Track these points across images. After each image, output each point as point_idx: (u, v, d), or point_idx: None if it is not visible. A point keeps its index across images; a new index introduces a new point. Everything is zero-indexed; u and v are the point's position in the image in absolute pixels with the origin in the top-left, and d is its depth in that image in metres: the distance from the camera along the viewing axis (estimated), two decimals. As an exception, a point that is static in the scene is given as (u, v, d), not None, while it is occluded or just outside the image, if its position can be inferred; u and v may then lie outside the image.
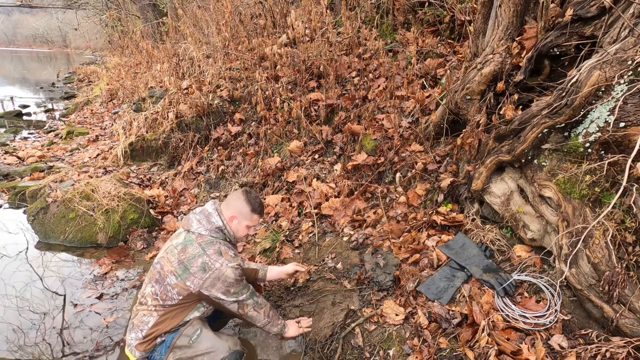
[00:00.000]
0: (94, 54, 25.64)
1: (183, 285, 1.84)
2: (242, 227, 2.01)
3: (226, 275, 1.83)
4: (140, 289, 2.02)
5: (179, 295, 1.86)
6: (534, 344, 1.81)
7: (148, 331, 1.89)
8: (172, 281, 1.85)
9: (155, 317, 1.89)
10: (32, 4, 22.08)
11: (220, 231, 1.95)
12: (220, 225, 1.95)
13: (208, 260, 1.83)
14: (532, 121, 2.21)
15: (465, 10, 4.10)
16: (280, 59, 5.00)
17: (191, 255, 1.84)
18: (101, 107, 8.79)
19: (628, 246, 1.79)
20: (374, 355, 2.07)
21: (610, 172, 1.86)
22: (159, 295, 1.89)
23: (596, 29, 2.37)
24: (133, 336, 1.92)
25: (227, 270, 1.83)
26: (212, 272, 1.82)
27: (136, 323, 1.92)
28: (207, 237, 1.90)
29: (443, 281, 2.28)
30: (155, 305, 1.90)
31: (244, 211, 1.99)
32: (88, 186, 3.89)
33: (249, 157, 4.37)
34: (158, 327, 1.89)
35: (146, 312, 1.91)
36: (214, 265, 1.82)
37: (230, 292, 1.87)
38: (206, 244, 1.87)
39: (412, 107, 3.72)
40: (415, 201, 3.03)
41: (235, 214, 1.99)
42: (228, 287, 1.85)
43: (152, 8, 11.10)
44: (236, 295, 1.89)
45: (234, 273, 1.84)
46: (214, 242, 1.89)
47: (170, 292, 1.87)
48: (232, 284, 1.86)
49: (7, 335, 2.55)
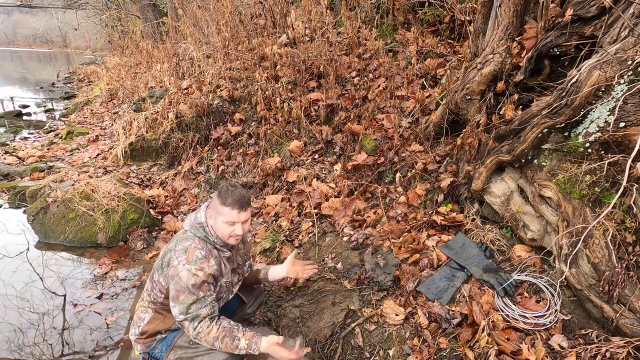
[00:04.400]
0: (94, 54, 25.63)
1: (161, 282, 1.81)
2: (219, 224, 1.76)
3: (179, 276, 1.67)
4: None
5: (160, 294, 1.83)
6: (534, 344, 1.81)
7: (144, 328, 1.90)
8: (156, 278, 1.85)
9: (150, 313, 1.90)
10: (32, 4, 22.07)
11: (200, 228, 1.78)
12: (202, 221, 1.79)
13: (173, 255, 1.73)
14: (532, 121, 2.21)
15: (465, 10, 4.09)
16: (280, 59, 5.00)
17: (166, 250, 1.81)
18: (101, 107, 8.79)
19: (628, 246, 1.79)
20: (374, 355, 2.07)
21: (610, 172, 1.86)
22: (150, 292, 1.89)
23: (596, 29, 2.37)
24: (132, 331, 1.95)
25: (182, 270, 1.67)
26: (170, 268, 1.72)
27: (135, 319, 1.94)
28: (188, 232, 1.79)
29: (443, 281, 2.28)
30: (148, 301, 1.90)
31: (216, 205, 1.75)
32: (88, 186, 3.89)
33: (249, 157, 4.37)
34: (152, 324, 1.89)
35: (143, 308, 1.92)
36: (173, 262, 1.70)
37: (178, 299, 1.67)
38: (180, 240, 1.77)
39: (412, 107, 3.72)
40: (415, 201, 3.03)
41: (211, 209, 1.79)
42: (177, 292, 1.68)
43: (152, 8, 11.10)
44: (181, 307, 1.67)
45: (189, 277, 1.66)
46: (188, 239, 1.76)
47: (155, 290, 1.86)
48: (184, 290, 1.66)
49: (7, 335, 2.55)
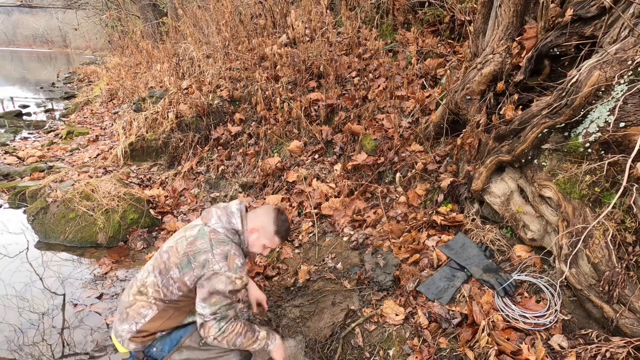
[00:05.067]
0: (94, 54, 25.63)
1: (183, 280, 1.71)
2: (259, 244, 1.85)
3: (219, 281, 1.67)
4: (139, 275, 1.86)
5: (179, 291, 1.73)
6: (534, 344, 1.81)
7: (144, 326, 1.75)
8: (175, 274, 1.72)
9: (154, 311, 1.75)
10: (32, 4, 22.06)
11: (236, 234, 1.80)
12: (239, 228, 1.79)
13: (212, 258, 1.69)
14: (532, 121, 2.21)
15: (465, 10, 4.10)
16: (280, 59, 5.00)
17: (197, 250, 1.71)
18: (101, 107, 8.79)
19: (628, 246, 1.79)
20: (374, 355, 2.07)
21: (610, 172, 1.86)
22: (161, 288, 1.74)
23: (596, 29, 2.37)
24: (126, 328, 1.77)
25: (222, 276, 1.67)
26: (208, 271, 1.68)
27: (132, 314, 1.76)
28: (221, 235, 1.76)
29: (443, 281, 2.28)
30: (155, 298, 1.75)
31: (268, 229, 1.83)
32: (88, 186, 3.89)
33: (249, 157, 4.37)
34: (156, 322, 1.75)
35: (145, 303, 1.76)
36: (213, 266, 1.68)
37: (211, 301, 1.67)
38: (217, 242, 1.72)
39: (412, 107, 3.72)
40: (415, 201, 3.03)
41: (258, 227, 1.83)
42: (212, 295, 1.67)
43: (152, 8, 11.10)
44: (213, 308, 1.67)
45: (228, 284, 1.67)
46: (226, 243, 1.74)
47: (172, 287, 1.73)
48: (219, 294, 1.67)
49: (7, 335, 2.55)
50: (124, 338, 1.77)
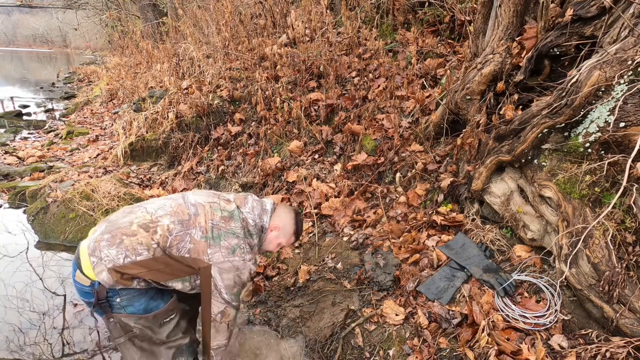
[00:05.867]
0: (94, 54, 25.62)
1: (203, 248, 1.62)
2: (276, 242, 1.92)
3: (244, 271, 1.71)
4: (150, 206, 1.69)
5: (187, 252, 1.61)
6: (534, 344, 1.81)
7: (131, 263, 1.53)
8: (196, 235, 1.62)
9: (149, 254, 1.55)
10: (32, 4, 22.06)
11: (260, 231, 1.84)
12: (266, 226, 1.85)
13: (243, 246, 1.71)
14: (532, 121, 2.21)
15: (465, 10, 4.10)
16: (280, 59, 5.00)
17: (231, 231, 1.69)
18: (101, 107, 8.79)
19: (628, 246, 1.79)
20: (374, 355, 2.07)
21: (610, 172, 1.86)
22: (172, 237, 1.59)
23: (596, 29, 2.37)
24: (112, 254, 1.52)
25: (248, 268, 1.73)
26: (236, 259, 1.68)
27: (127, 244, 1.54)
28: (251, 226, 1.78)
29: (443, 281, 2.28)
30: (159, 242, 1.57)
31: (288, 229, 1.92)
32: (88, 186, 3.89)
33: (249, 157, 4.37)
34: (141, 268, 1.54)
35: (146, 241, 1.55)
36: (243, 255, 1.70)
37: (233, 291, 1.72)
38: (248, 233, 1.76)
39: (412, 107, 3.72)
40: (415, 201, 3.03)
41: (280, 225, 1.89)
42: (235, 284, 1.71)
43: (152, 8, 11.10)
44: (233, 297, 1.73)
45: (248, 276, 1.75)
46: (253, 237, 1.79)
47: (185, 243, 1.60)
48: (239, 284, 1.73)
49: (7, 335, 2.55)
50: (103, 263, 1.52)
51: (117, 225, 1.61)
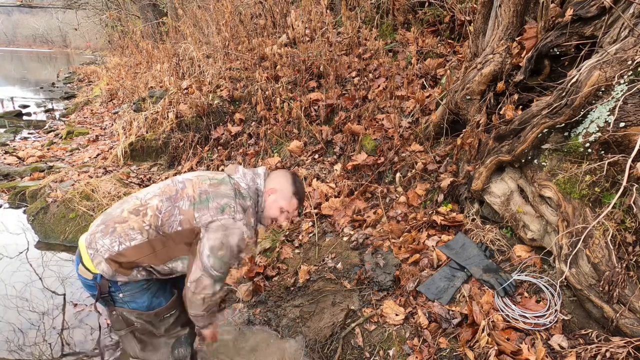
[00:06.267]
0: (94, 54, 25.61)
1: (191, 215, 1.57)
2: (276, 206, 1.79)
3: (234, 231, 1.58)
4: (140, 194, 1.69)
5: (179, 225, 1.57)
6: (534, 344, 1.81)
7: (127, 250, 1.53)
8: (184, 206, 1.58)
9: (143, 237, 1.55)
10: (32, 4, 22.05)
11: (256, 195, 1.75)
12: (261, 189, 1.76)
13: (234, 206, 1.60)
14: (532, 121, 2.21)
15: (465, 10, 4.10)
16: (280, 59, 5.00)
17: (220, 193, 1.62)
18: (101, 107, 8.79)
19: (628, 246, 1.79)
20: (374, 355, 2.07)
21: (610, 172, 1.86)
22: (162, 215, 1.57)
23: (596, 29, 2.37)
24: (107, 243, 1.54)
25: (238, 229, 1.59)
26: (225, 217, 1.57)
27: (119, 231, 1.55)
28: (243, 189, 1.70)
29: (443, 281, 2.28)
30: (151, 224, 1.56)
31: (286, 190, 1.79)
32: (88, 186, 3.90)
33: (249, 157, 4.37)
34: (138, 253, 1.54)
35: (138, 225, 1.55)
36: (233, 214, 1.59)
37: (217, 253, 1.56)
38: (239, 195, 1.67)
39: (412, 107, 3.72)
40: (415, 201, 3.03)
41: (276, 188, 1.78)
42: (221, 246, 1.56)
43: (152, 8, 11.10)
44: (215, 263, 1.57)
45: (241, 240, 1.60)
46: (246, 199, 1.69)
47: (174, 217, 1.57)
48: (228, 248, 1.58)
49: (7, 335, 2.55)
50: (100, 254, 1.54)
51: (110, 215, 1.63)
